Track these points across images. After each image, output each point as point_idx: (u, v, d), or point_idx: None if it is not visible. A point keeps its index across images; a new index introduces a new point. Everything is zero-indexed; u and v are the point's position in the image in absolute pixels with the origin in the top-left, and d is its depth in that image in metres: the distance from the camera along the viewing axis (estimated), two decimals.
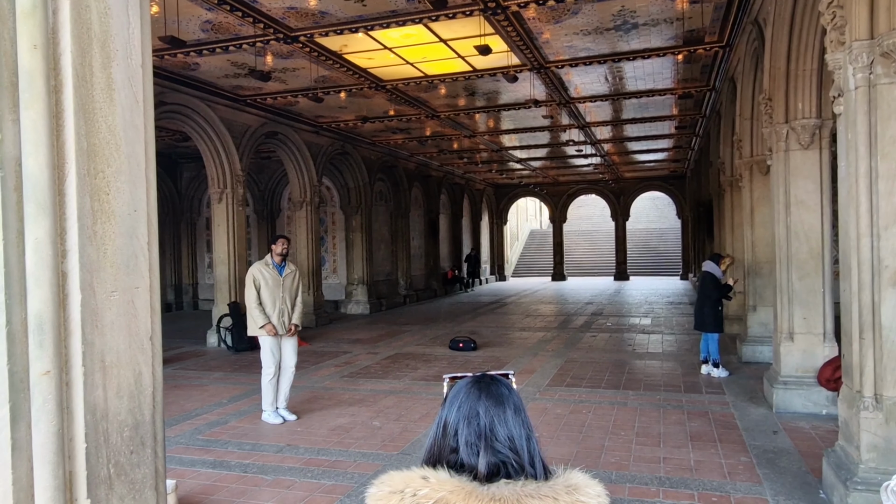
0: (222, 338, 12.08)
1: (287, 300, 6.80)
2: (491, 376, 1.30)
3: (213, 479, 5.16)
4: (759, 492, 4.60)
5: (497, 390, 1.26)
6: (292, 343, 6.93)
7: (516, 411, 1.24)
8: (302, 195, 15.35)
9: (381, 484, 1.16)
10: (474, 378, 1.29)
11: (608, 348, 11.32)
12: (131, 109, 2.07)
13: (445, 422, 1.24)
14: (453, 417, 1.23)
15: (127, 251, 2.03)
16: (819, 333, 6.58)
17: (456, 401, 1.25)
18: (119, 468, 2.00)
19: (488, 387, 1.26)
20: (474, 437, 1.19)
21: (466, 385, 1.27)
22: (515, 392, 1.30)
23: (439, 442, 1.24)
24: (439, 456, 1.22)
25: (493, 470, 1.16)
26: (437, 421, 1.27)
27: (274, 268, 6.81)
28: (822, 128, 6.40)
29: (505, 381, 1.30)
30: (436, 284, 24.01)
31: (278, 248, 6.86)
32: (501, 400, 1.24)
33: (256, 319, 6.66)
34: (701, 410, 6.93)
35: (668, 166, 25.66)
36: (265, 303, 6.70)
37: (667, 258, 34.20)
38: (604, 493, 1.19)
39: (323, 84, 11.36)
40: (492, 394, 1.25)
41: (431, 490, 1.11)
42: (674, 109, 14.75)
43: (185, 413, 7.32)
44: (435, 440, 1.25)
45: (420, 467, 1.18)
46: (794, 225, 6.58)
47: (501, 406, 1.23)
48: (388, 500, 1.12)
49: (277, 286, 6.75)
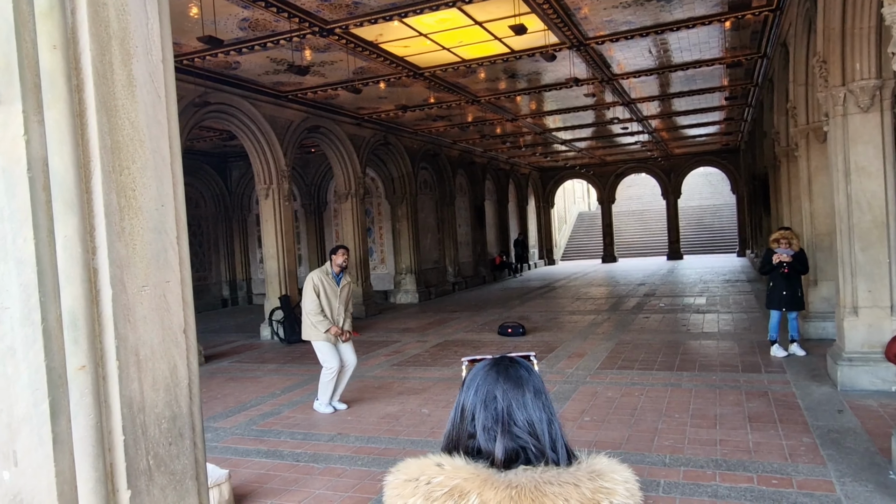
0: (275, 330, 12.35)
1: (342, 310, 6.86)
2: (510, 358, 1.25)
3: (266, 469, 5.27)
4: (822, 473, 4.39)
5: (516, 373, 1.20)
6: (350, 346, 7.00)
7: (536, 394, 1.18)
8: (347, 187, 15.49)
9: (397, 472, 1.12)
10: (493, 360, 1.24)
11: (661, 329, 11.05)
12: (154, 105, 2.07)
13: (463, 406, 1.20)
14: (470, 401, 1.18)
15: (156, 246, 2.04)
16: (886, 306, 6.23)
17: (473, 384, 1.20)
18: (158, 459, 2.03)
19: (507, 369, 1.21)
20: (491, 422, 1.14)
21: (484, 368, 1.22)
22: (536, 374, 1.23)
23: (457, 427, 1.19)
24: (457, 442, 1.17)
25: (511, 456, 1.11)
26: (456, 405, 1.23)
27: (332, 277, 6.85)
28: (883, 88, 6.03)
29: (525, 363, 1.24)
30: (484, 271, 23.94)
31: (339, 259, 6.88)
32: (520, 382, 1.18)
33: (319, 326, 6.70)
34: (760, 390, 6.68)
35: (720, 140, 24.78)
36: (324, 309, 6.75)
37: (722, 235, 33.17)
38: (632, 478, 1.12)
39: (361, 75, 11.39)
40: (510, 376, 1.19)
41: (446, 478, 1.06)
42: (723, 80, 14.20)
43: (241, 404, 7.51)
44: (453, 425, 1.21)
45: (437, 454, 1.14)
46: (854, 193, 6.24)
47: (520, 389, 1.17)
48: (402, 489, 1.08)
49: (335, 296, 6.82)
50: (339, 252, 6.95)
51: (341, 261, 6.88)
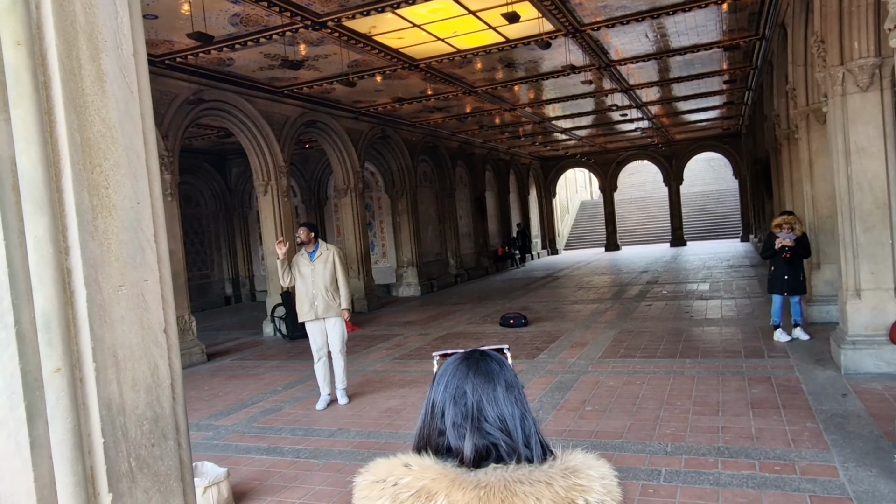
0: (277, 327, 12.34)
1: (320, 285, 6.69)
2: (481, 352, 1.20)
3: (266, 465, 5.26)
4: (826, 459, 4.35)
5: (487, 366, 1.16)
6: (336, 328, 6.85)
7: (508, 388, 1.14)
8: (346, 182, 15.44)
9: (366, 472, 1.08)
10: (463, 354, 1.20)
11: (664, 317, 11.00)
12: (126, 101, 2.03)
13: (433, 402, 1.15)
14: (440, 397, 1.14)
15: (132, 245, 2.00)
16: (889, 289, 6.16)
17: (443, 379, 1.16)
18: (141, 461, 1.99)
19: (477, 363, 1.16)
20: (461, 418, 1.10)
21: (454, 362, 1.18)
22: (509, 367, 1.19)
23: (427, 424, 1.15)
24: (427, 440, 1.13)
25: (481, 453, 1.07)
26: (426, 402, 1.18)
27: (306, 254, 6.80)
28: (882, 67, 5.94)
29: (496, 356, 1.20)
30: (486, 262, 23.88)
31: (297, 239, 6.90)
32: (491, 377, 1.14)
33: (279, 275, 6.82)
34: (763, 376, 6.63)
35: (720, 124, 24.61)
36: (298, 291, 6.75)
37: (725, 220, 33.04)
38: (610, 473, 1.07)
39: (356, 68, 11.31)
40: (480, 370, 1.15)
41: (413, 478, 1.02)
42: (722, 63, 14.06)
43: (242, 402, 7.50)
44: (423, 422, 1.16)
45: (407, 453, 1.10)
46: (855, 174, 6.16)
47: (491, 383, 1.13)
48: (370, 490, 1.04)
49: (308, 272, 6.72)
50: (298, 230, 6.92)
51: (296, 237, 6.89)
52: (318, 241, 6.91)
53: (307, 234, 6.82)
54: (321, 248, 6.86)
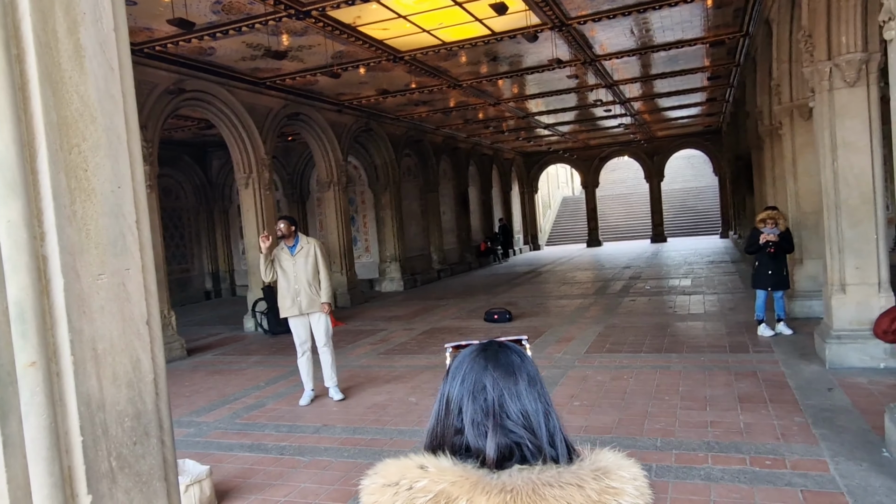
0: (258, 322, 12.17)
1: (303, 279, 6.54)
2: (500, 343, 1.12)
3: (250, 463, 5.14)
4: (816, 453, 4.34)
5: (507, 358, 1.07)
6: (321, 323, 6.70)
7: (531, 382, 1.05)
8: (329, 176, 15.26)
9: (374, 475, 0.99)
10: (480, 345, 1.11)
11: (648, 312, 11.02)
12: (106, 78, 1.90)
13: (448, 398, 1.07)
14: (456, 392, 1.05)
15: (113, 231, 1.88)
16: (874, 283, 6.20)
17: (459, 373, 1.07)
18: (122, 461, 1.88)
19: (496, 355, 1.08)
20: (481, 415, 1.01)
21: (471, 354, 1.09)
22: (529, 360, 1.11)
23: (442, 422, 1.06)
24: (442, 439, 1.04)
25: (504, 453, 0.98)
26: (439, 397, 1.10)
27: (286, 249, 6.62)
28: (870, 62, 5.95)
29: (516, 348, 1.12)
30: (469, 257, 23.83)
31: (277, 232, 6.69)
32: (512, 370, 1.05)
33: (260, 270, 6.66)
34: (749, 371, 6.64)
35: (702, 121, 24.78)
36: (280, 286, 6.58)
37: (705, 217, 33.33)
38: (641, 474, 1.00)
39: (340, 60, 11.15)
40: (500, 363, 1.06)
41: (430, 482, 0.93)
42: (705, 60, 14.11)
43: (224, 398, 7.35)
44: (437, 420, 1.07)
45: (420, 453, 1.01)
46: (842, 169, 6.17)
47: (512, 377, 1.04)
48: (380, 495, 0.95)
49: (290, 266, 6.56)
50: (278, 222, 6.73)
51: (276, 230, 6.67)
52: (299, 235, 6.75)
53: (288, 228, 6.65)
54: (301, 241, 6.70)
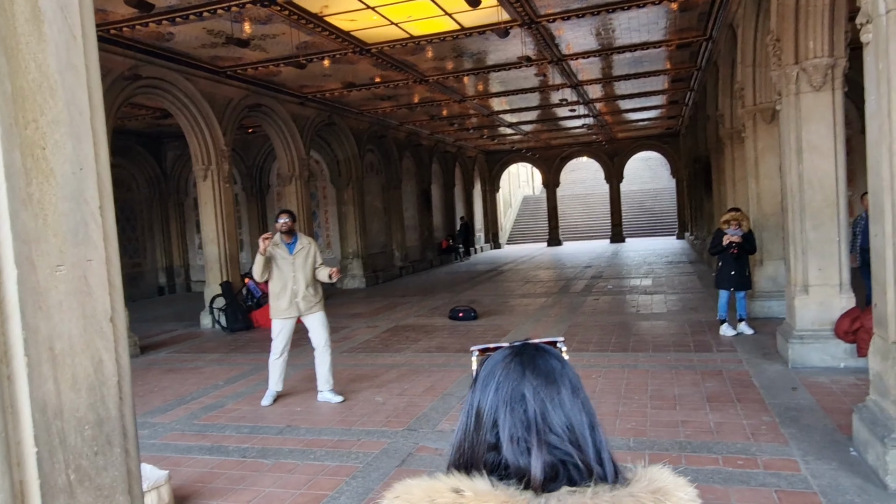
0: (216, 318, 11.79)
1: (301, 280, 6.19)
2: (536, 346, 0.99)
3: (210, 466, 4.90)
4: (786, 452, 4.37)
5: (546, 364, 0.95)
6: (321, 322, 6.39)
7: (574, 391, 0.94)
8: (290, 169, 14.92)
9: (395, 499, 0.86)
10: (514, 349, 0.98)
11: (612, 311, 11.10)
12: (67, 46, 1.71)
13: (479, 410, 0.94)
14: (489, 403, 0.92)
15: (74, 217, 1.69)
16: (835, 284, 6.32)
17: (492, 380, 0.94)
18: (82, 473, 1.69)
19: (533, 360, 0.95)
20: (521, 430, 0.88)
21: (504, 359, 0.96)
22: (570, 365, 0.99)
23: (471, 437, 0.93)
24: (472, 456, 0.91)
25: (549, 473, 0.86)
26: (467, 408, 0.97)
27: (284, 247, 6.24)
28: (835, 67, 6.05)
29: (554, 352, 0.99)
30: (431, 255, 23.73)
31: (279, 226, 6.25)
32: (553, 376, 0.93)
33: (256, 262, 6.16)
34: (714, 370, 6.70)
35: (661, 124, 25.22)
36: (274, 287, 6.22)
37: (662, 218, 33.99)
38: (695, 493, 0.90)
39: (305, 51, 10.87)
40: (539, 369, 0.94)
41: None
42: (668, 63, 14.30)
43: (180, 397, 7.05)
44: (465, 435, 0.94)
45: (448, 473, 0.88)
46: (806, 172, 6.27)
47: (554, 385, 0.92)
48: None
49: (288, 266, 6.19)
50: (280, 216, 6.33)
51: (281, 224, 6.23)
52: (297, 233, 6.40)
53: (292, 223, 6.33)
54: (301, 240, 6.34)
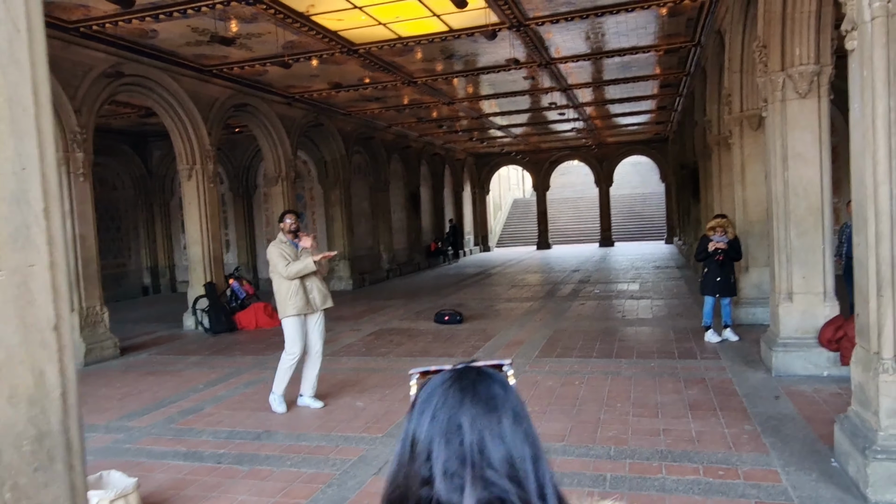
0: (199, 320, 11.65)
1: (314, 276, 6.20)
2: (478, 369, 0.92)
3: (184, 472, 4.79)
4: (767, 462, 4.32)
5: (488, 390, 0.88)
6: (322, 324, 6.34)
7: (516, 420, 0.86)
8: (277, 170, 14.78)
9: None
10: (454, 373, 0.91)
11: (597, 316, 11.06)
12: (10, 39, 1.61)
13: (413, 438, 0.86)
14: (424, 432, 0.85)
15: (14, 220, 1.60)
16: (819, 293, 6.30)
17: (428, 407, 0.87)
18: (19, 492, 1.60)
19: (474, 386, 0.88)
20: (456, 463, 0.81)
21: (442, 384, 0.89)
22: (514, 391, 0.91)
23: (405, 469, 0.86)
24: (406, 490, 0.84)
25: None
26: (402, 437, 0.89)
27: (291, 245, 6.18)
28: (821, 74, 6.04)
29: (499, 377, 0.92)
30: (419, 258, 23.64)
31: (286, 227, 6.20)
32: (494, 404, 0.86)
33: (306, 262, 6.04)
34: (697, 377, 6.66)
35: (650, 129, 25.29)
36: (287, 286, 6.07)
37: (651, 223, 34.07)
38: None
39: (291, 50, 10.76)
40: (480, 396, 0.86)
41: None
42: (657, 68, 14.32)
43: (158, 401, 6.93)
44: (400, 467, 0.87)
45: None
46: (791, 180, 6.25)
47: (494, 414, 0.85)
48: None
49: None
50: (286, 217, 6.28)
51: (289, 224, 6.19)
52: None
53: (297, 222, 6.31)
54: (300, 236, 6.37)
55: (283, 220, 6.32)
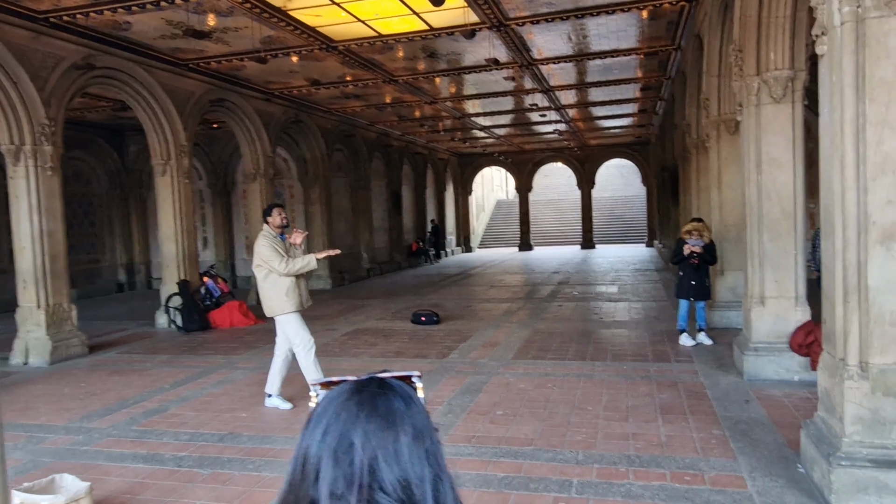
0: (171, 318, 11.45)
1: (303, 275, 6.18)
2: (380, 381, 0.84)
3: (142, 476, 4.66)
4: (733, 468, 4.30)
5: (387, 404, 0.80)
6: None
7: (416, 438, 0.78)
8: (255, 167, 14.60)
9: None
10: (353, 385, 0.83)
11: (575, 318, 11.04)
12: None
13: (305, 457, 0.79)
14: (315, 450, 0.78)
15: None
16: (791, 297, 6.30)
17: (321, 422, 0.80)
18: None
19: (373, 400, 0.80)
20: (343, 485, 0.74)
21: (339, 397, 0.81)
22: (420, 405, 0.83)
23: (296, 489, 0.78)
24: None
25: None
26: (294, 455, 0.82)
27: (281, 241, 6.07)
28: (795, 80, 6.04)
29: (403, 389, 0.84)
30: (400, 257, 23.53)
31: (277, 220, 6.05)
32: (392, 420, 0.78)
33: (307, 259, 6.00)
34: (670, 380, 6.64)
35: (632, 132, 25.40)
36: (279, 281, 5.97)
37: (632, 225, 34.23)
38: None
39: (269, 46, 10.61)
40: (377, 411, 0.79)
41: None
42: (638, 71, 14.35)
43: (122, 401, 6.76)
44: (290, 486, 0.80)
45: None
46: (765, 184, 6.25)
47: (391, 430, 0.77)
48: None
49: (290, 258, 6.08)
50: (275, 211, 6.11)
51: (280, 220, 6.06)
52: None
53: (286, 217, 6.22)
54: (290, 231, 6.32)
55: (271, 213, 6.14)
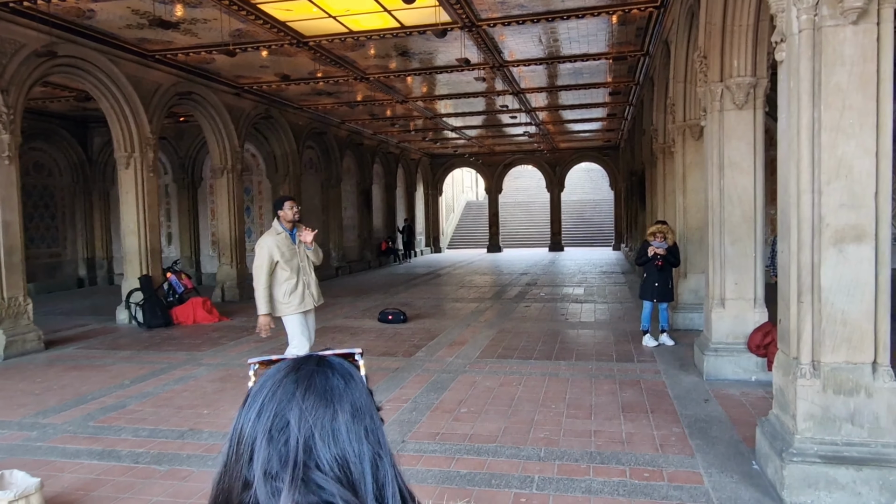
0: (132, 314, 11.22)
1: (308, 268, 5.97)
2: (319, 358, 0.83)
3: (97, 472, 4.55)
4: (691, 464, 4.38)
5: (325, 382, 0.79)
6: (313, 318, 6.21)
7: (355, 415, 0.78)
8: (223, 162, 14.39)
9: None
10: (292, 363, 0.82)
11: (541, 318, 11.13)
12: None
13: (240, 436, 0.78)
14: (249, 429, 0.77)
15: None
16: (750, 299, 6.45)
17: (256, 401, 0.78)
18: None
19: (311, 377, 0.79)
20: (277, 464, 0.73)
21: (277, 374, 0.80)
22: (360, 382, 0.83)
23: (230, 470, 0.77)
24: (229, 494, 0.76)
25: None
26: (230, 435, 0.81)
27: (287, 235, 5.91)
28: (757, 87, 6.19)
29: (343, 366, 0.83)
30: (370, 256, 23.44)
31: (288, 214, 5.89)
32: (329, 398, 0.77)
33: (260, 303, 5.84)
34: (633, 379, 6.75)
35: (602, 136, 25.72)
36: (283, 280, 5.83)
37: (600, 229, 34.64)
38: None
39: (239, 39, 10.48)
40: (315, 388, 0.78)
41: None
42: (608, 76, 14.54)
43: (79, 397, 6.60)
44: (225, 467, 0.78)
45: None
46: (727, 188, 6.39)
47: (329, 408, 0.76)
48: None
49: (294, 255, 5.88)
50: (287, 204, 5.94)
51: (292, 214, 5.90)
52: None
53: (298, 211, 6.03)
54: (300, 228, 6.08)
55: (282, 206, 6.00)
